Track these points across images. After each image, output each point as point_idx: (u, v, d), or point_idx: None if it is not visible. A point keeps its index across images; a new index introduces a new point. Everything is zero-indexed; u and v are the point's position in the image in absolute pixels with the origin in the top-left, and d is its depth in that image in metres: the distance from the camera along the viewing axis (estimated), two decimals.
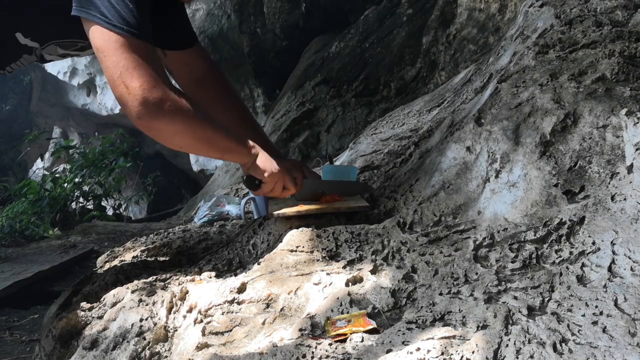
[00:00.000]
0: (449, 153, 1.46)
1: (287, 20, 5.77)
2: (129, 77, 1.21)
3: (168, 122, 1.26)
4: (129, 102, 1.22)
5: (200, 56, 1.64)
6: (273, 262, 1.31)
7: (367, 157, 2.14)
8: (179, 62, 1.60)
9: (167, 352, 1.14)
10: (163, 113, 1.23)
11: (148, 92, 1.21)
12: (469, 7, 3.64)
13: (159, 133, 1.29)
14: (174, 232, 1.99)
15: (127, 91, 1.22)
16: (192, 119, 1.29)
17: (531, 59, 1.47)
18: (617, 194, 1.11)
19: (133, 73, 1.21)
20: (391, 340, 0.96)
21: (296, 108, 4.69)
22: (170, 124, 1.27)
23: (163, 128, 1.27)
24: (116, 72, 1.22)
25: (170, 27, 1.53)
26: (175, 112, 1.25)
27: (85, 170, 6.28)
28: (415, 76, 4.07)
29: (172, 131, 1.29)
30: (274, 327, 1.08)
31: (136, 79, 1.21)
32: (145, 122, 1.24)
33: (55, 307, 1.51)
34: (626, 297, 0.95)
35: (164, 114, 1.23)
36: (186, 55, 1.60)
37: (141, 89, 1.21)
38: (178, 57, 1.59)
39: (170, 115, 1.24)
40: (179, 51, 1.58)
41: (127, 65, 1.21)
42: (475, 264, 1.15)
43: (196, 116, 1.30)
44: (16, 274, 3.07)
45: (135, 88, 1.21)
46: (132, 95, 1.21)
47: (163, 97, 1.23)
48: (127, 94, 1.22)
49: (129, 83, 1.21)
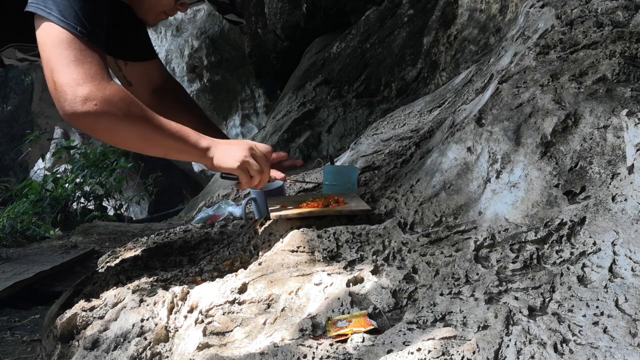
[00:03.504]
0: (449, 153, 1.46)
1: (288, 20, 5.78)
2: (57, 73, 1.21)
3: (94, 120, 1.24)
4: (55, 97, 1.23)
5: (158, 67, 1.74)
6: (274, 263, 1.31)
7: (368, 158, 2.14)
8: (139, 72, 1.68)
9: (168, 352, 1.14)
10: (88, 110, 1.21)
11: (73, 89, 1.20)
12: (470, 8, 3.64)
13: (88, 130, 1.28)
14: (175, 232, 1.99)
15: (55, 87, 1.22)
16: (125, 118, 1.27)
17: (532, 60, 1.48)
18: (617, 194, 1.11)
19: (63, 70, 1.21)
20: (392, 341, 0.96)
21: (297, 108, 4.69)
22: (96, 122, 1.24)
23: (89, 125, 1.26)
24: (48, 67, 1.23)
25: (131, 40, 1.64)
26: (102, 110, 1.23)
27: (87, 170, 6.29)
28: (416, 77, 4.07)
29: (101, 129, 1.28)
30: (275, 327, 1.08)
31: (64, 75, 1.21)
32: (70, 118, 1.23)
33: (57, 307, 1.51)
34: (627, 298, 0.95)
35: (89, 111, 1.21)
36: (146, 66, 1.69)
37: (67, 85, 1.20)
38: (138, 67, 1.68)
39: (96, 113, 1.22)
40: (139, 62, 1.67)
41: (60, 62, 1.21)
42: (476, 264, 1.15)
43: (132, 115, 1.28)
44: (17, 274, 3.07)
45: (61, 84, 1.21)
46: (59, 91, 1.21)
47: (89, 95, 1.21)
48: (55, 89, 1.22)
49: (57, 78, 1.21)
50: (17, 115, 11.43)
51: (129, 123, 1.28)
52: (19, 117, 11.42)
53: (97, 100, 1.22)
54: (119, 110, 1.25)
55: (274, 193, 1.82)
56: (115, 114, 1.25)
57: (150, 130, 1.32)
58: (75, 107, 1.21)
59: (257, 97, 7.98)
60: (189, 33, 8.22)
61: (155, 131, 1.33)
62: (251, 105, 8.09)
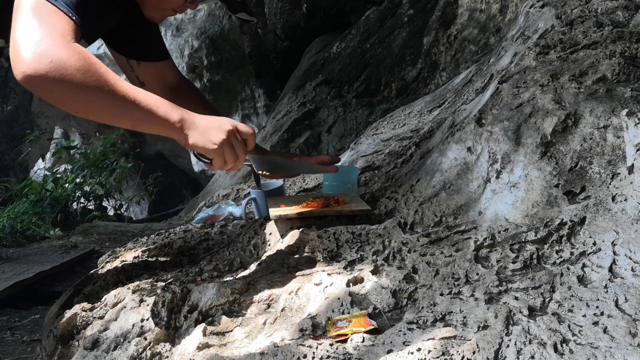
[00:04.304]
0: (449, 153, 1.46)
1: (288, 20, 5.77)
2: (18, 31, 1.13)
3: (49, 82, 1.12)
4: (11, 56, 1.13)
5: (172, 68, 1.71)
6: (274, 263, 1.31)
7: (368, 158, 2.14)
8: (152, 72, 1.66)
9: (168, 353, 1.14)
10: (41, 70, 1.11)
11: (29, 45, 1.11)
12: (470, 8, 3.64)
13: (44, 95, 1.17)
14: (175, 232, 1.99)
15: (12, 44, 1.13)
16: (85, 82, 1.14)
17: (532, 60, 1.48)
18: (617, 194, 1.11)
19: (25, 28, 1.13)
20: (392, 341, 0.96)
21: (297, 108, 4.69)
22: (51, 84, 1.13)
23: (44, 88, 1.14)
24: (13, 27, 1.15)
25: (143, 41, 1.62)
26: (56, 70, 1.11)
27: (87, 170, 6.29)
28: (416, 77, 4.07)
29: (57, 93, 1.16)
30: (275, 327, 1.08)
31: (22, 32, 1.12)
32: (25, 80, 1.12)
33: (57, 307, 1.51)
34: (627, 298, 0.95)
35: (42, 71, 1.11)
36: (159, 66, 1.67)
37: (23, 42, 1.11)
38: (151, 67, 1.66)
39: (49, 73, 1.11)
40: (152, 62, 1.65)
41: (22, 21, 1.14)
42: (476, 264, 1.15)
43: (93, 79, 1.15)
44: (17, 274, 3.07)
45: (18, 40, 1.12)
46: (14, 48, 1.12)
47: (44, 52, 1.11)
48: (12, 47, 1.13)
49: (15, 35, 1.13)
50: (17, 115, 11.44)
51: (89, 89, 1.15)
52: (19, 117, 11.42)
53: (52, 58, 1.11)
54: (77, 72, 1.13)
55: (274, 193, 1.82)
56: (72, 76, 1.13)
57: (114, 97, 1.18)
58: (28, 64, 1.10)
59: (257, 97, 7.98)
60: (189, 33, 8.22)
61: (119, 99, 1.19)
62: (251, 105, 8.09)
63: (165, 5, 1.47)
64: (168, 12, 1.49)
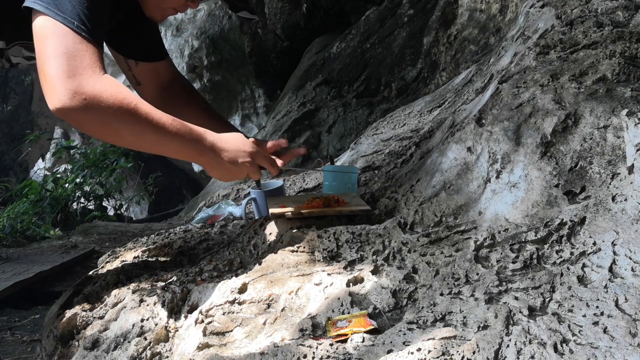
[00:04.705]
0: (449, 153, 1.46)
1: (288, 20, 5.77)
2: (48, 66, 1.17)
3: (83, 115, 1.19)
4: (44, 90, 1.19)
5: (169, 66, 1.71)
6: (274, 263, 1.31)
7: (368, 158, 2.14)
8: (149, 72, 1.66)
9: (168, 353, 1.14)
10: (76, 105, 1.17)
11: (62, 81, 1.16)
12: (470, 8, 3.64)
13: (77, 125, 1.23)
14: (175, 232, 1.99)
15: (44, 78, 1.18)
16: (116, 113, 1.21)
17: (532, 60, 1.48)
18: (617, 194, 1.11)
19: (54, 62, 1.17)
20: (392, 341, 0.96)
21: (297, 108, 4.69)
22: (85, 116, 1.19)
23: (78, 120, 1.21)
24: (40, 60, 1.19)
25: (144, 40, 1.62)
26: (90, 105, 1.18)
27: (87, 170, 6.29)
28: (416, 77, 4.07)
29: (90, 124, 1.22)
30: (275, 327, 1.08)
31: (54, 67, 1.17)
32: (59, 112, 1.18)
33: (57, 307, 1.51)
34: (627, 298, 0.95)
35: (78, 105, 1.17)
36: (156, 66, 1.67)
37: (56, 77, 1.16)
38: (149, 67, 1.66)
39: (84, 107, 1.17)
40: (149, 63, 1.66)
41: (52, 54, 1.18)
42: (476, 264, 1.15)
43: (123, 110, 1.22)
44: (17, 274, 3.07)
45: (51, 76, 1.17)
46: (48, 83, 1.18)
47: (78, 88, 1.17)
48: (44, 82, 1.18)
49: (47, 70, 1.17)
50: (17, 115, 11.43)
51: (120, 119, 1.22)
52: (19, 117, 11.42)
53: (86, 94, 1.17)
54: (110, 105, 1.20)
55: (274, 193, 1.82)
56: (105, 109, 1.20)
57: (144, 126, 1.26)
58: (63, 100, 1.16)
59: (257, 97, 7.98)
60: (189, 33, 8.22)
61: (150, 128, 1.27)
62: (251, 105, 8.09)
63: (166, 4, 1.47)
64: (169, 11, 1.50)
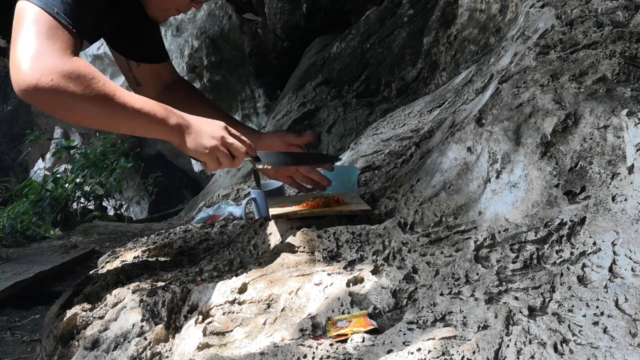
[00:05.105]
0: (449, 153, 1.46)
1: (288, 20, 5.77)
2: (18, 46, 1.14)
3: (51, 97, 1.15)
4: (11, 70, 1.15)
5: (169, 68, 1.72)
6: (274, 263, 1.31)
7: (368, 158, 2.14)
8: (150, 73, 1.66)
9: (168, 353, 1.14)
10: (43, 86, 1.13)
11: (30, 61, 1.13)
12: (470, 8, 3.64)
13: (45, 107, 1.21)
14: (175, 232, 1.99)
15: (12, 59, 1.15)
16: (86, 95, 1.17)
17: (532, 60, 1.48)
18: (617, 194, 1.11)
19: (24, 42, 1.14)
20: (392, 341, 0.96)
21: (297, 108, 4.69)
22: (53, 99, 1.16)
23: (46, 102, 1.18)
24: (13, 41, 1.16)
25: (144, 42, 1.62)
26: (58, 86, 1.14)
27: (87, 170, 6.28)
28: (416, 77, 4.07)
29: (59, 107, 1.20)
30: (275, 327, 1.08)
31: (24, 47, 1.14)
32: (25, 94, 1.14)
33: (57, 307, 1.51)
34: (627, 298, 0.95)
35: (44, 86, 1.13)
36: (157, 67, 1.68)
37: (25, 57, 1.13)
38: (149, 68, 1.66)
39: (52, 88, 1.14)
40: (150, 64, 1.66)
41: (23, 36, 1.15)
42: (476, 264, 1.15)
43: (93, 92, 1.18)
44: (17, 274, 3.07)
45: (19, 56, 1.14)
46: (14, 63, 1.14)
47: (45, 68, 1.13)
48: (12, 61, 1.15)
49: (15, 50, 1.14)
50: (17, 115, 11.43)
51: (89, 101, 1.19)
52: (19, 117, 11.42)
53: (54, 75, 1.13)
54: (78, 87, 1.16)
55: (274, 193, 1.82)
56: (74, 91, 1.16)
57: (114, 107, 1.22)
58: (29, 81, 1.12)
59: (257, 97, 7.98)
60: (189, 33, 8.21)
61: (119, 109, 1.23)
62: (251, 105, 8.09)
63: (169, 5, 1.47)
64: (172, 12, 1.50)
